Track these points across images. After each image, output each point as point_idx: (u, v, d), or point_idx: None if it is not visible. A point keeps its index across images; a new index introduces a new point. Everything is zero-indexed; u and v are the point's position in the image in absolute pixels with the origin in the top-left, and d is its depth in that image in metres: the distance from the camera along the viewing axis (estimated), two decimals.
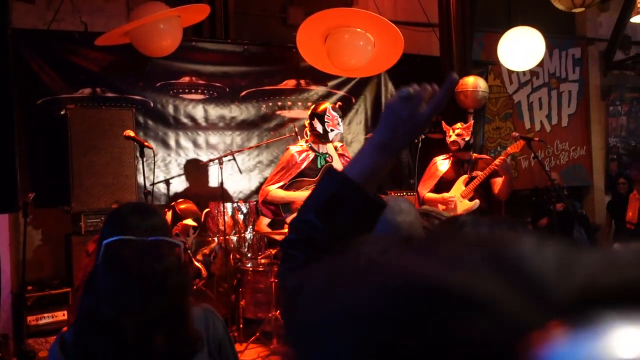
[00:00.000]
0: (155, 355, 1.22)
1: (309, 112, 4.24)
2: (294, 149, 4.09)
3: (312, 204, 0.91)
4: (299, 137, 4.45)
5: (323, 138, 3.96)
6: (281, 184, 3.95)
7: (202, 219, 4.50)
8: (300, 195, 3.86)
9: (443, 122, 4.60)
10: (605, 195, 7.44)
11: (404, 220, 1.41)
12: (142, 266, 1.19)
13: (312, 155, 4.05)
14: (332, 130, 3.90)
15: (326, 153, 4.07)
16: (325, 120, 3.91)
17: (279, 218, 4.10)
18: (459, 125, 4.45)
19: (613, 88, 7.56)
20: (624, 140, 7.71)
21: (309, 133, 4.15)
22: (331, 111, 3.93)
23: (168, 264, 1.21)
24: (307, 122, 4.19)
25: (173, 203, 4.40)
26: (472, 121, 4.86)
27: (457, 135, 4.37)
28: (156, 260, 1.19)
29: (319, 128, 3.95)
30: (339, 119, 3.95)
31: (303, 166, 3.99)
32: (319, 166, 4.03)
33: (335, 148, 4.14)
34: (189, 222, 4.23)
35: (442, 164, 4.49)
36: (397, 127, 0.90)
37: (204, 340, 1.37)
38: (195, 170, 5.09)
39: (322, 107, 3.99)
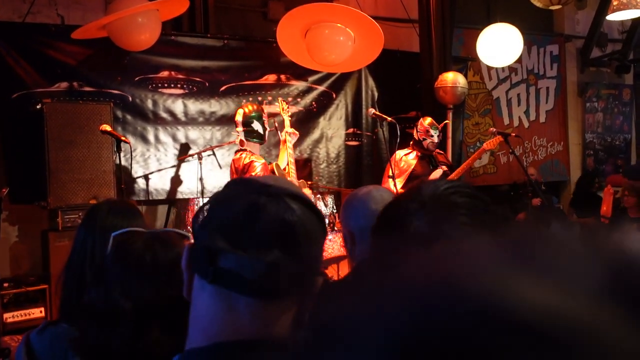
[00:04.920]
0: (150, 348, 1.21)
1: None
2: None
3: None
4: (279, 132, 4.44)
5: None
6: None
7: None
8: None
9: (422, 122, 4.61)
10: None
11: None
12: (153, 254, 1.19)
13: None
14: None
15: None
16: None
17: None
18: (435, 125, 4.54)
19: (590, 85, 7.67)
20: (600, 136, 7.84)
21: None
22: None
23: (177, 253, 1.22)
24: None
25: None
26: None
27: (438, 137, 4.48)
28: (166, 248, 1.20)
29: None
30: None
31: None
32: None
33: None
34: None
35: (409, 158, 4.55)
36: None
37: None
38: (174, 165, 5.05)
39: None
